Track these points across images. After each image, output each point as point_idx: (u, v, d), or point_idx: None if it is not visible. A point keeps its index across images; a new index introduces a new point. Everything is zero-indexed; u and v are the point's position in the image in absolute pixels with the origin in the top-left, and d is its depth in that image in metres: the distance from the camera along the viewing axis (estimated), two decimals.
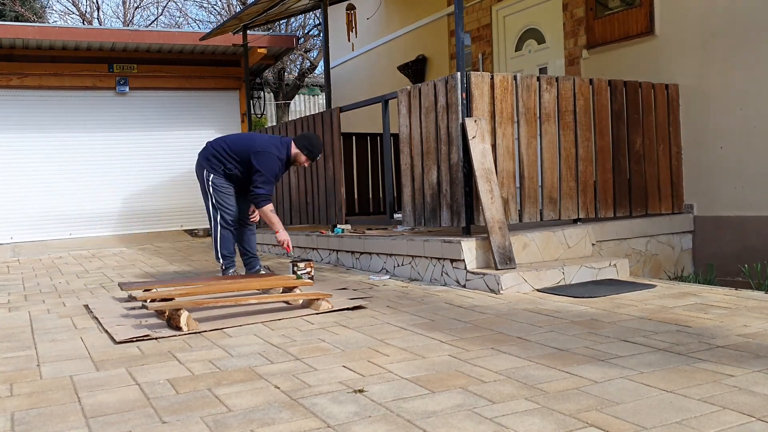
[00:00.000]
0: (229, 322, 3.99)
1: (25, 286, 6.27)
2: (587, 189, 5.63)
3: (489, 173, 5.00)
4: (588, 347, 3.11)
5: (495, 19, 8.65)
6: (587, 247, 5.45)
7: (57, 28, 10.68)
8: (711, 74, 6.06)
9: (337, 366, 2.99)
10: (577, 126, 5.56)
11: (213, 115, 11.99)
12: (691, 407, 2.28)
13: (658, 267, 5.99)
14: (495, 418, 2.25)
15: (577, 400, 2.39)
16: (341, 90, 12.07)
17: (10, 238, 10.57)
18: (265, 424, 2.29)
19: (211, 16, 22.54)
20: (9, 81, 10.53)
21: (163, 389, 2.74)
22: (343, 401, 2.49)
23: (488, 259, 4.96)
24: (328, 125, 6.83)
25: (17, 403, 2.63)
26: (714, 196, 6.08)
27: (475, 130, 5.00)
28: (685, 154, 6.29)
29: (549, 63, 7.89)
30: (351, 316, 4.09)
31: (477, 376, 2.74)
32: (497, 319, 3.81)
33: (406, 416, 2.31)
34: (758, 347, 2.99)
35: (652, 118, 6.08)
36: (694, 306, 3.97)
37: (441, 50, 9.66)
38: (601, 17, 7.08)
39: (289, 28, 17.26)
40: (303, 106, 18.73)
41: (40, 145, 10.82)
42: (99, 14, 21.12)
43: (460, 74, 5.06)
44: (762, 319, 3.54)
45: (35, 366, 3.21)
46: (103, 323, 4.12)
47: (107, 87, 11.21)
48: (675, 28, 6.35)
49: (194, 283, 5.33)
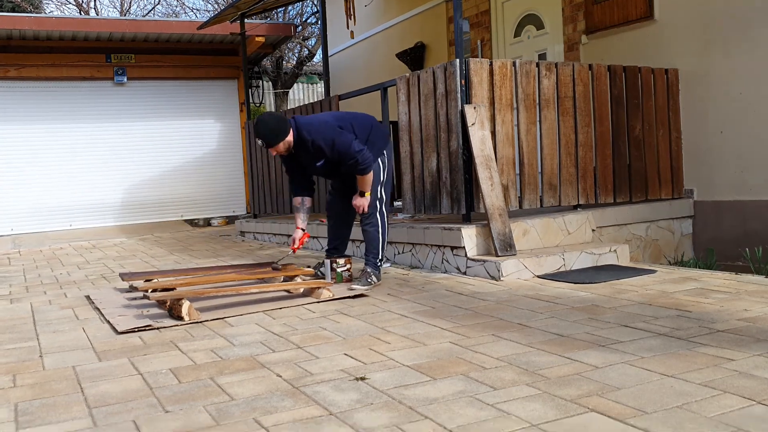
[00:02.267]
0: (231, 312, 3.99)
1: (26, 277, 6.28)
2: (587, 175, 5.62)
3: (488, 160, 4.99)
4: (589, 333, 3.12)
5: (494, 5, 8.61)
6: (587, 233, 5.45)
7: (54, 18, 10.64)
8: (711, 58, 6.03)
9: (338, 354, 2.99)
10: (577, 112, 5.55)
11: (211, 105, 11.98)
12: (692, 391, 2.29)
13: (659, 252, 5.99)
14: (496, 404, 2.26)
15: (578, 386, 2.40)
16: (340, 78, 12.04)
17: (11, 229, 10.58)
18: (267, 412, 2.30)
19: (209, 4, 22.42)
20: (6, 72, 10.50)
21: (166, 379, 2.75)
22: (344, 389, 2.50)
23: (488, 246, 4.96)
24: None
25: (20, 394, 2.64)
26: (714, 180, 6.07)
27: (474, 117, 4.99)
28: (685, 138, 6.27)
29: (548, 49, 7.86)
30: (352, 304, 4.10)
31: (478, 362, 2.74)
32: (498, 306, 3.81)
33: (407, 403, 2.32)
34: (758, 331, 3.00)
35: (651, 103, 6.06)
36: (694, 291, 3.98)
37: (440, 37, 9.62)
38: (600, 2, 7.04)
39: (286, 16, 17.18)
40: (302, 95, 18.68)
41: (39, 136, 10.81)
42: (95, 4, 21.06)
43: (459, 61, 5.05)
44: (762, 303, 3.55)
45: (38, 357, 3.22)
46: (105, 314, 4.13)
47: (105, 77, 11.18)
48: (675, 13, 6.32)
49: (195, 272, 5.33)
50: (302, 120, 4.59)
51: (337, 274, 4.84)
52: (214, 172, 11.96)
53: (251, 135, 8.81)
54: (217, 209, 11.99)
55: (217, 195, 12.01)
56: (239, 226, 9.41)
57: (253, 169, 8.88)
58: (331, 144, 4.47)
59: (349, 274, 4.88)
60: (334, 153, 4.48)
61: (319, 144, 4.48)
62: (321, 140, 4.47)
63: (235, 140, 12.03)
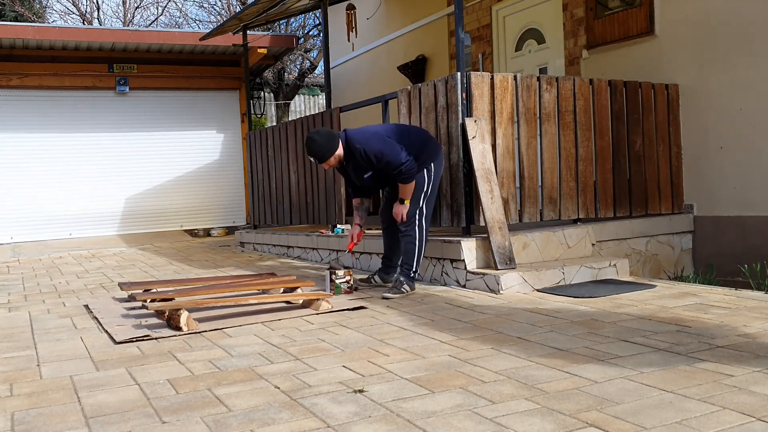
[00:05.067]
0: (229, 322, 3.99)
1: (25, 286, 6.27)
2: (587, 189, 5.63)
3: (489, 173, 5.00)
4: (588, 347, 3.11)
5: (495, 19, 8.65)
6: (587, 247, 5.45)
7: (57, 28, 10.69)
8: (711, 74, 6.06)
9: (337, 366, 2.99)
10: (577, 126, 5.56)
11: (213, 115, 12.00)
12: (691, 407, 2.28)
13: (658, 267, 5.98)
14: (495, 418, 2.25)
15: (577, 400, 2.39)
16: (341, 90, 12.07)
17: (10, 238, 10.58)
18: (265, 424, 2.29)
19: (211, 16, 22.53)
20: (9, 81, 10.54)
21: (163, 389, 2.74)
22: (343, 401, 2.49)
23: (488, 259, 4.95)
24: (328, 125, 6.82)
25: (17, 403, 2.63)
26: (714, 196, 6.08)
27: (475, 130, 5.00)
28: (685, 154, 6.29)
29: (549, 63, 7.89)
30: (351, 316, 4.09)
31: (477, 376, 2.74)
32: (497, 319, 3.81)
33: (406, 416, 2.31)
34: (758, 347, 2.99)
35: (652, 118, 6.08)
36: (694, 306, 3.97)
37: (441, 50, 9.66)
38: (601, 17, 7.08)
39: (289, 28, 17.26)
40: (303, 106, 18.72)
41: (40, 145, 10.83)
42: (99, 14, 21.12)
43: (460, 74, 5.06)
44: (762, 320, 3.54)
45: (35, 366, 3.21)
46: (103, 323, 4.12)
47: (107, 87, 11.21)
48: (675, 29, 6.35)
49: (194, 283, 5.33)
50: (352, 132, 4.79)
51: (336, 285, 4.82)
52: (215, 182, 11.97)
53: (252, 146, 8.83)
54: (217, 219, 11.99)
55: (217, 205, 12.01)
56: (239, 237, 9.41)
57: (254, 180, 8.88)
58: (379, 154, 4.61)
59: (349, 285, 4.87)
60: (381, 162, 4.62)
61: (368, 154, 4.63)
62: (370, 150, 4.63)
63: (236, 151, 12.05)
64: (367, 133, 4.78)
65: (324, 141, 4.71)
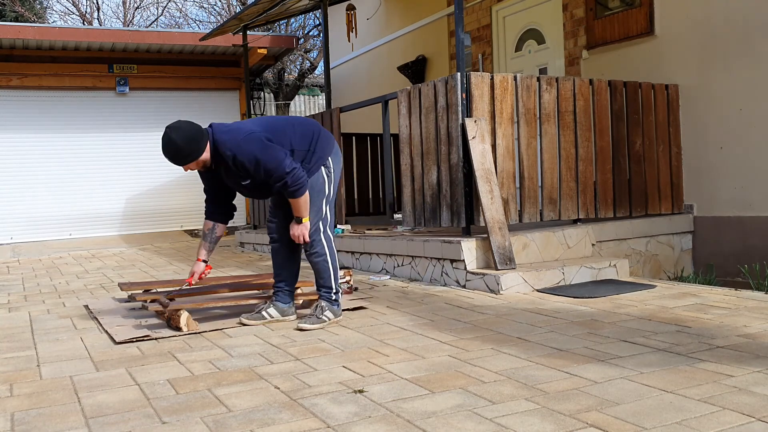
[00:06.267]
0: (229, 323, 3.99)
1: (25, 286, 6.27)
2: (587, 189, 5.63)
3: (489, 173, 5.00)
4: (588, 347, 3.11)
5: (495, 20, 8.65)
6: (587, 247, 5.45)
7: (57, 28, 10.68)
8: (711, 75, 6.06)
9: (337, 366, 2.99)
10: (577, 126, 5.56)
11: (213, 116, 11.94)
12: (691, 407, 2.28)
13: (658, 267, 5.98)
14: (495, 419, 2.25)
15: (577, 401, 2.39)
16: (341, 90, 12.07)
17: (10, 238, 10.58)
18: (265, 424, 2.29)
19: (211, 16, 22.55)
20: (9, 81, 10.54)
21: (163, 389, 2.74)
22: (343, 401, 2.49)
23: (488, 260, 4.96)
24: (328, 125, 6.83)
25: (17, 404, 2.63)
26: (714, 196, 6.08)
27: (475, 131, 5.01)
28: (685, 154, 6.29)
29: (549, 63, 7.89)
30: (351, 317, 4.09)
31: (477, 376, 2.74)
32: (497, 320, 3.81)
33: (406, 416, 2.31)
34: (758, 347, 2.99)
35: (652, 118, 6.08)
36: (694, 306, 3.97)
37: (441, 50, 9.66)
38: (601, 17, 7.08)
39: (289, 29, 17.26)
40: (303, 107, 18.72)
41: (40, 145, 10.83)
42: (99, 14, 21.12)
43: (460, 75, 5.06)
44: (762, 320, 3.54)
45: (35, 366, 3.21)
46: (103, 323, 4.12)
47: (107, 87, 11.21)
48: (675, 29, 6.35)
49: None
50: (220, 132, 3.69)
51: None
52: None
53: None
54: None
55: None
56: (239, 237, 9.41)
57: None
58: (254, 161, 3.59)
59: (349, 286, 4.87)
60: (258, 172, 3.62)
61: (241, 161, 3.61)
62: (243, 156, 3.59)
63: None
64: (239, 134, 3.65)
65: (184, 141, 3.57)
